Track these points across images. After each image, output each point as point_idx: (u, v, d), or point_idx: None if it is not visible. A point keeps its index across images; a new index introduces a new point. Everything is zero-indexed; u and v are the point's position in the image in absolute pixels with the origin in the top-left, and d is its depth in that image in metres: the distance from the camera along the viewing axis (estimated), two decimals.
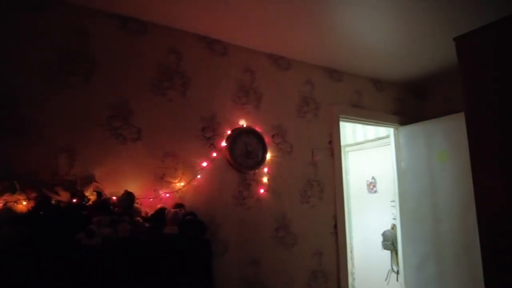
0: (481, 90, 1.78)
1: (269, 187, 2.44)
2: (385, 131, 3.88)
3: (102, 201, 1.68)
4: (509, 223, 1.60)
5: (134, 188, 1.86)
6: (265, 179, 2.42)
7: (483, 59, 1.78)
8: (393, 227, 3.84)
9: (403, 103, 3.50)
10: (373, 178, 4.26)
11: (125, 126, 1.97)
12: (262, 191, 2.40)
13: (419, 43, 2.58)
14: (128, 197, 1.72)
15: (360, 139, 4.46)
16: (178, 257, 1.69)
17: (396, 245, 3.64)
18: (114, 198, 1.75)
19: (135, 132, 1.99)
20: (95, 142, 1.87)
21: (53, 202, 1.56)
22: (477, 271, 2.59)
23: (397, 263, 3.58)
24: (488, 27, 1.75)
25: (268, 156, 2.45)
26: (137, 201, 1.81)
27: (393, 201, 3.64)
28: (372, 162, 4.28)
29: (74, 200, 1.63)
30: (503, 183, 1.64)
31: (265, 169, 2.43)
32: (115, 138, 1.93)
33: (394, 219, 3.75)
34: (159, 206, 1.90)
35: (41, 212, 1.49)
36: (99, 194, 1.71)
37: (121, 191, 1.75)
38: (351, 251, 4.48)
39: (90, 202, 1.66)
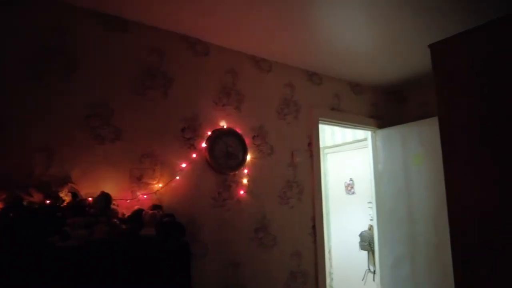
0: (453, 95, 1.85)
1: (249, 189, 2.44)
2: (363, 134, 3.96)
3: (77, 202, 1.64)
4: (477, 224, 1.67)
5: (111, 189, 1.82)
6: (245, 181, 2.43)
7: (456, 66, 1.85)
8: (370, 228, 3.93)
9: (380, 107, 3.59)
10: (351, 179, 4.34)
11: (104, 125, 1.93)
12: (242, 192, 2.40)
13: (396, 49, 2.66)
14: (105, 198, 1.69)
15: (338, 141, 4.53)
16: (155, 259, 1.67)
17: (373, 245, 3.72)
18: (90, 199, 1.71)
19: (114, 132, 1.96)
20: (72, 142, 1.82)
21: (24, 203, 1.51)
22: (448, 270, 2.69)
23: (374, 263, 3.66)
24: (461, 35, 1.83)
25: (248, 157, 2.46)
26: (114, 202, 1.78)
27: (370, 202, 3.72)
28: (350, 164, 4.36)
29: (48, 201, 1.58)
30: (473, 186, 1.71)
31: (245, 171, 2.44)
32: (93, 138, 1.89)
33: (371, 220, 3.84)
34: (136, 207, 1.86)
35: (11, 214, 1.44)
36: (74, 195, 1.67)
37: (98, 192, 1.71)
38: (330, 252, 4.54)
39: (65, 204, 1.62)
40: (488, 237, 1.63)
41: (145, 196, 1.98)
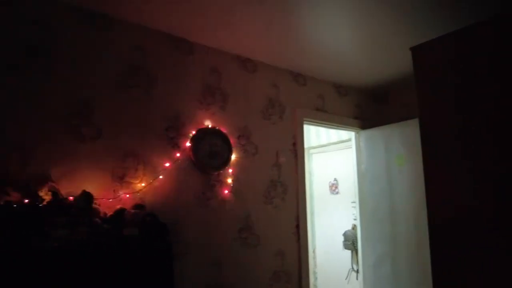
0: (433, 97, 1.89)
1: (233, 188, 2.44)
2: (347, 135, 4.01)
3: (58, 202, 1.61)
4: (454, 223, 1.72)
5: (93, 188, 1.79)
6: (229, 180, 2.43)
7: (436, 68, 1.90)
8: (354, 227, 3.98)
9: (364, 108, 3.64)
10: (335, 179, 4.39)
11: (85, 124, 1.90)
12: (226, 192, 2.40)
13: (379, 52, 2.70)
14: (86, 197, 1.66)
15: (323, 141, 4.58)
16: (138, 260, 1.66)
17: (356, 244, 3.78)
18: (71, 198, 1.68)
19: (96, 130, 1.93)
20: (52, 140, 1.79)
21: (1, 202, 1.47)
22: (428, 268, 2.75)
23: (357, 262, 3.72)
24: (442, 39, 1.87)
25: (233, 157, 2.46)
26: (95, 201, 1.76)
27: (353, 202, 3.77)
28: (335, 164, 4.41)
29: (26, 201, 1.55)
30: (451, 186, 1.76)
31: (230, 170, 2.44)
32: (74, 136, 1.86)
33: (354, 219, 3.89)
34: (118, 207, 1.84)
35: None
36: (55, 194, 1.63)
37: (79, 191, 1.69)
38: (314, 251, 4.58)
39: (45, 203, 1.59)
40: (464, 236, 1.67)
41: (127, 196, 1.96)
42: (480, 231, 1.61)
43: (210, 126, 2.37)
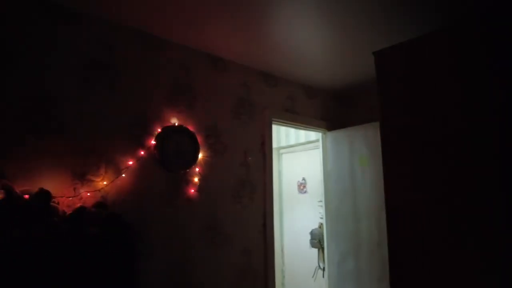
0: (393, 100, 1.98)
1: (200, 187, 2.43)
2: (315, 135, 4.10)
3: (12, 200, 1.54)
4: (409, 221, 1.81)
5: (51, 186, 1.73)
6: (196, 179, 2.41)
7: (396, 73, 1.99)
8: (320, 225, 4.07)
9: (331, 110, 3.74)
10: (303, 179, 4.47)
11: (44, 118, 1.82)
12: (192, 191, 2.39)
13: (346, 55, 2.79)
14: (43, 195, 1.60)
15: (292, 142, 4.65)
16: (98, 260, 1.62)
17: (323, 243, 3.87)
18: (27, 196, 1.61)
19: (56, 125, 1.86)
20: (7, 135, 1.71)
21: None
22: (387, 266, 2.87)
23: (324, 260, 3.80)
24: (402, 45, 1.96)
25: (200, 156, 2.45)
26: (54, 200, 1.70)
27: (320, 201, 3.85)
28: (303, 164, 4.50)
29: None
30: (406, 186, 1.85)
31: (197, 169, 2.43)
32: (31, 131, 1.78)
33: (321, 218, 3.98)
34: (78, 205, 1.79)
35: None
36: (8, 192, 1.56)
37: (35, 189, 1.62)
38: (282, 249, 4.64)
39: None
40: (419, 233, 1.77)
41: (88, 194, 1.90)
42: (434, 229, 1.71)
43: (177, 124, 2.35)
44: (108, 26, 2.12)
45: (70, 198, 1.83)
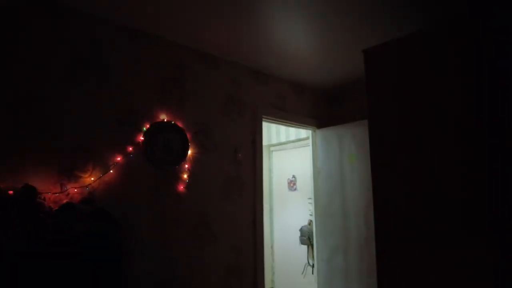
0: (381, 99, 2.00)
1: (190, 184, 2.43)
2: (306, 133, 4.12)
3: None
4: (396, 218, 1.84)
5: (37, 181, 1.72)
6: (185, 176, 2.41)
7: (385, 71, 2.00)
8: (310, 223, 4.10)
9: (321, 107, 3.76)
10: (293, 176, 4.49)
11: (29, 114, 1.80)
12: (181, 187, 2.38)
13: (336, 54, 2.80)
14: (28, 191, 1.59)
15: (283, 139, 4.67)
16: (85, 256, 1.61)
17: (312, 239, 3.90)
18: (11, 192, 1.59)
19: (41, 121, 1.83)
20: None
21: None
22: (375, 261, 2.90)
23: (313, 257, 3.83)
24: (391, 43, 1.98)
25: (190, 152, 2.44)
26: (40, 196, 1.68)
27: (310, 198, 3.88)
28: (294, 161, 4.52)
29: None
30: (392, 184, 1.87)
31: (186, 166, 2.42)
32: (18, 125, 1.76)
33: (311, 215, 4.01)
34: (65, 201, 1.77)
35: None
36: None
37: (20, 185, 1.60)
38: (272, 247, 4.66)
39: None
40: (404, 230, 1.79)
41: (75, 190, 1.88)
42: (421, 225, 1.73)
43: (166, 120, 2.34)
44: (95, 21, 2.10)
45: (57, 194, 1.81)
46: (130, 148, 2.14)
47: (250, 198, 2.87)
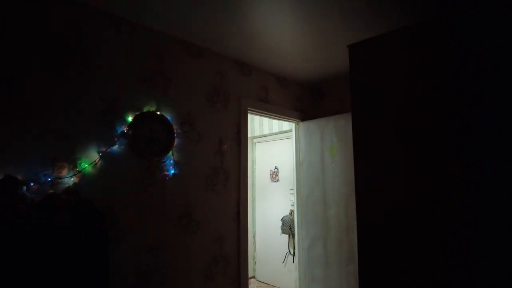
0: (365, 93, 2.05)
1: (174, 175, 2.43)
2: (288, 126, 4.17)
3: None
4: (378, 209, 1.91)
5: (19, 171, 1.68)
6: (170, 167, 2.40)
7: (369, 66, 2.05)
8: (291, 212, 4.19)
9: (304, 100, 3.81)
10: (276, 168, 4.55)
11: (12, 103, 1.74)
12: (166, 178, 2.37)
13: (320, 48, 2.84)
14: (9, 181, 1.55)
15: (266, 131, 4.71)
16: (69, 247, 1.59)
17: (293, 229, 3.98)
18: None
19: (24, 109, 1.78)
20: None
21: None
22: (355, 249, 3.02)
23: (294, 246, 3.92)
24: (376, 39, 2.03)
25: (175, 143, 2.43)
26: (22, 186, 1.64)
27: (292, 189, 3.95)
28: (276, 153, 4.57)
29: None
30: (376, 175, 1.94)
31: (171, 156, 2.41)
32: None
33: (292, 205, 4.09)
34: (48, 192, 1.74)
35: None
36: None
37: (1, 175, 1.56)
38: (254, 236, 4.73)
39: None
40: (386, 220, 1.87)
41: (59, 180, 1.85)
42: (400, 218, 1.81)
43: (151, 110, 2.32)
44: (78, 7, 2.03)
45: (39, 185, 1.78)
46: (115, 139, 2.11)
47: (235, 189, 2.90)
